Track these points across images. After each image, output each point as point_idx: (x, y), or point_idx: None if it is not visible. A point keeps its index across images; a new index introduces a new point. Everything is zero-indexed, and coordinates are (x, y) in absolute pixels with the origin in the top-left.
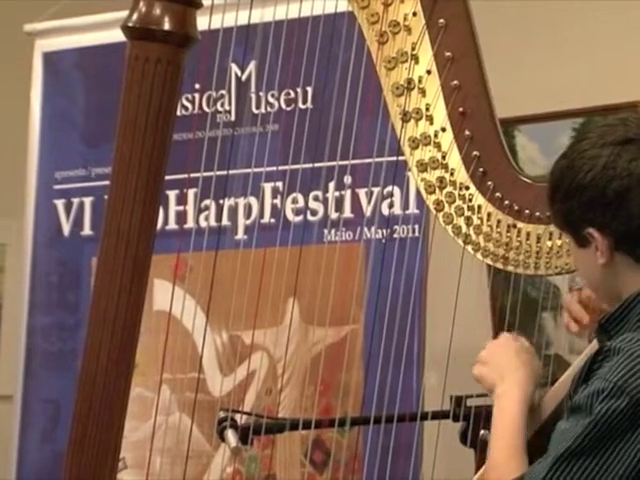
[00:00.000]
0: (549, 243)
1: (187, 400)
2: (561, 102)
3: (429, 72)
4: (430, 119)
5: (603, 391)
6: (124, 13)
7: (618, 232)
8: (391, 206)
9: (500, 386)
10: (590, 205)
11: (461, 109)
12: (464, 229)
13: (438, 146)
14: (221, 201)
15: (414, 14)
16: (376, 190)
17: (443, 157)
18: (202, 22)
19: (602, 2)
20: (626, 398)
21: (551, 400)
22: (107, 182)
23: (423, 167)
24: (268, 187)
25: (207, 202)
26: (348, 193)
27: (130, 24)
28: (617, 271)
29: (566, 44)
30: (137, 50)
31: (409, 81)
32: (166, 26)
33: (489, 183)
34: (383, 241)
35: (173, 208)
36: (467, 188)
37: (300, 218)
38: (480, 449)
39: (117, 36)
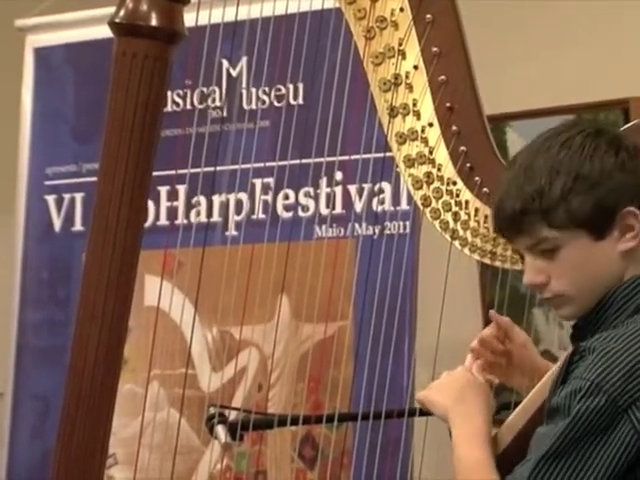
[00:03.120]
0: None
1: (177, 396)
2: (552, 99)
3: (416, 67)
4: (417, 114)
5: (580, 390)
6: (114, 9)
7: None
8: (382, 202)
9: (455, 409)
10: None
11: (448, 104)
12: (451, 224)
13: (425, 141)
14: (211, 197)
15: (401, 10)
16: (366, 186)
17: (430, 152)
18: (190, 18)
19: (592, 2)
20: (604, 396)
21: (528, 406)
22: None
23: (410, 162)
24: (258, 183)
25: (198, 198)
26: (339, 189)
27: (117, 20)
28: (636, 257)
29: (557, 41)
30: (124, 46)
31: (396, 76)
32: (153, 22)
33: (476, 178)
34: (375, 237)
35: (164, 204)
36: (454, 183)
37: (290, 214)
38: None
39: (108, 32)
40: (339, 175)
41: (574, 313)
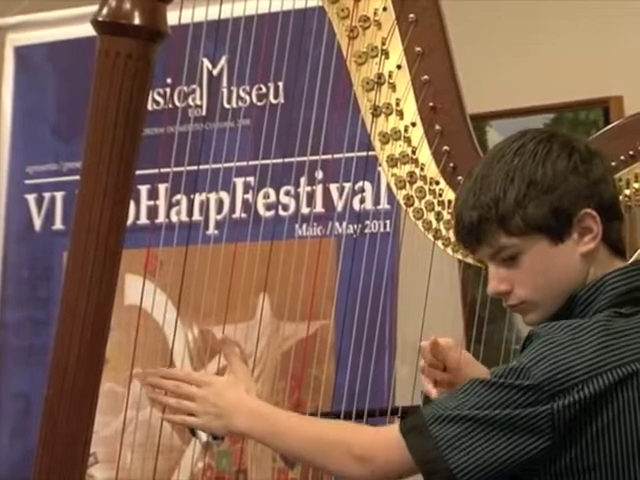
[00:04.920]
0: None
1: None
2: (533, 98)
3: (399, 67)
4: (400, 114)
5: (512, 369)
6: (96, 7)
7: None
8: (362, 201)
9: (236, 419)
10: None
11: (431, 104)
12: (434, 224)
13: (408, 141)
14: (192, 196)
15: (384, 9)
16: (347, 185)
17: (413, 152)
18: (172, 17)
19: (573, 1)
20: (530, 380)
21: None
22: (79, 177)
23: (393, 162)
24: (240, 182)
25: (178, 197)
26: (319, 188)
27: (100, 18)
28: (598, 259)
29: (538, 40)
30: (107, 45)
31: (379, 76)
32: (136, 21)
33: (459, 178)
34: (354, 236)
35: (144, 203)
36: (437, 183)
37: (271, 213)
38: None
39: (89, 30)
40: (320, 174)
41: (539, 318)
